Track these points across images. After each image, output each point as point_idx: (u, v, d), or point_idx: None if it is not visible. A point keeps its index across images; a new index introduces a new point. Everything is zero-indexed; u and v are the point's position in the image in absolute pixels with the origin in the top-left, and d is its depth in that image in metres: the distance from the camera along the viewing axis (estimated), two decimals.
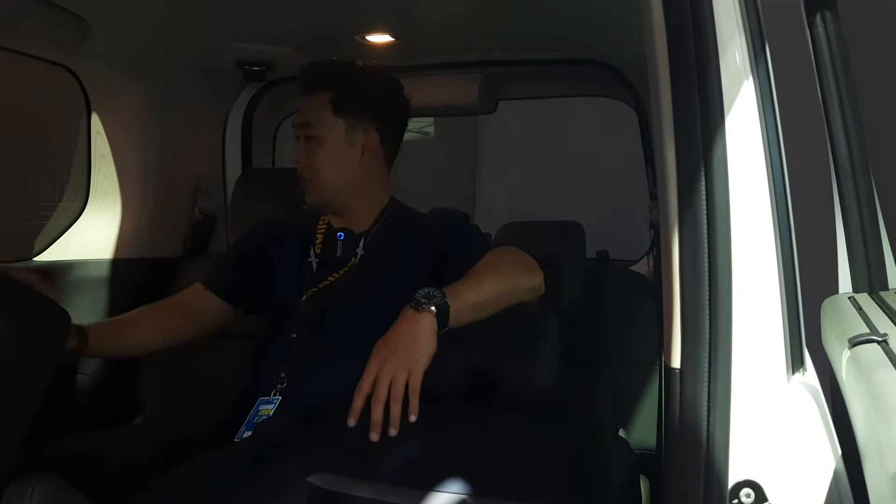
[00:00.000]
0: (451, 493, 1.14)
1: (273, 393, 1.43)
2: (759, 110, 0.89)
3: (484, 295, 1.34)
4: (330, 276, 1.52)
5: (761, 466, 0.86)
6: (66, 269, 1.94)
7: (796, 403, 0.88)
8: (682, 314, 0.85)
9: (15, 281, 1.26)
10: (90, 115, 1.99)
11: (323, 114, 1.54)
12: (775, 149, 0.91)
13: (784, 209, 0.91)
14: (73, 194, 2.04)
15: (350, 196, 1.57)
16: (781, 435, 0.87)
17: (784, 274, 0.89)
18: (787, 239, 0.91)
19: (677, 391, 0.84)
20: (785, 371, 0.88)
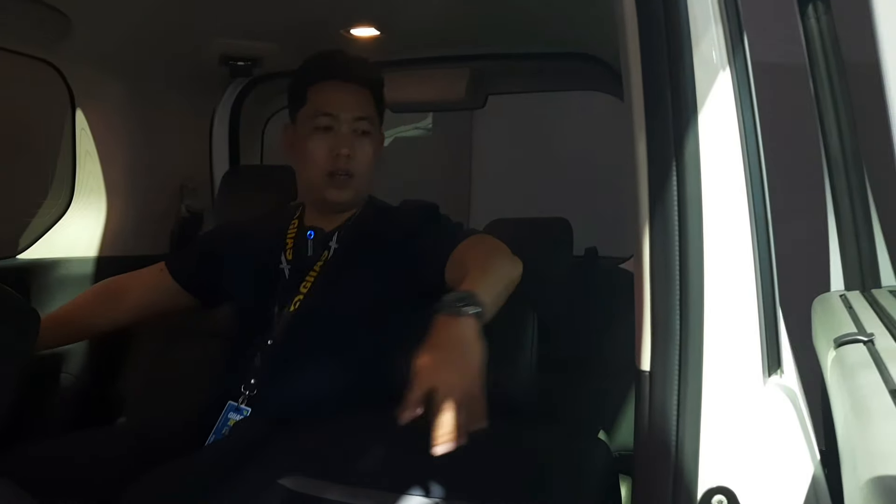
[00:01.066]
0: (423, 497, 1.12)
1: (241, 400, 1.40)
2: (736, 105, 0.86)
3: (496, 289, 1.26)
4: (306, 279, 1.49)
5: (734, 472, 0.83)
6: (49, 266, 1.92)
7: (773, 406, 0.86)
8: (653, 315, 0.82)
9: None
10: (74, 111, 1.97)
11: (372, 110, 1.53)
12: (753, 145, 0.88)
13: (762, 207, 0.88)
14: (57, 192, 2.02)
15: (364, 196, 1.56)
16: (756, 439, 0.84)
17: (761, 273, 0.86)
18: (765, 237, 0.88)
19: (647, 395, 0.82)
20: (761, 373, 0.85)
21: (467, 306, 1.13)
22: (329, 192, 1.50)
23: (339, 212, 1.54)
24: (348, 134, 1.49)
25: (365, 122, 1.51)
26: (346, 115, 1.49)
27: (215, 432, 1.42)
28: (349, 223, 1.54)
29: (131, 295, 1.62)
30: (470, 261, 1.34)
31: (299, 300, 1.47)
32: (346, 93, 1.51)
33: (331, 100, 1.50)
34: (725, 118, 0.84)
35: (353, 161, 1.49)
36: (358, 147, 1.50)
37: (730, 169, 0.84)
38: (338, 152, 1.48)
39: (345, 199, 1.51)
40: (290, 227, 1.56)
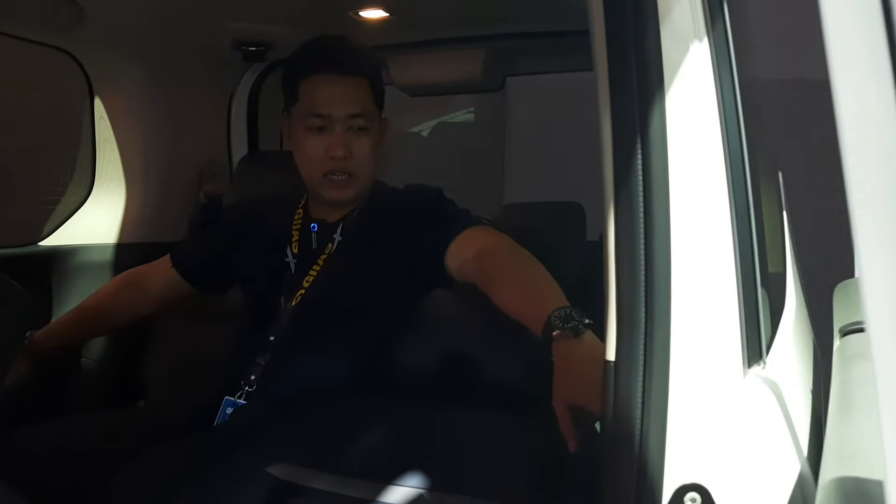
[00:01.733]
0: (409, 487, 1.09)
1: (239, 395, 1.39)
2: (714, 79, 0.80)
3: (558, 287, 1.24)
4: (310, 273, 1.46)
5: (709, 469, 0.78)
6: (70, 253, 1.96)
7: (753, 400, 0.80)
8: (618, 303, 0.77)
9: None
10: (93, 99, 1.99)
11: (369, 102, 1.45)
12: (733, 122, 0.82)
13: (742, 188, 0.83)
14: (78, 179, 2.05)
15: (368, 188, 1.51)
16: (734, 435, 0.79)
17: (741, 260, 0.80)
18: (746, 221, 0.82)
19: (611, 386, 0.77)
20: (741, 365, 0.80)
21: (576, 322, 1.09)
22: (327, 192, 1.46)
23: (343, 206, 1.51)
24: (343, 134, 1.42)
25: (360, 118, 1.43)
26: (340, 113, 1.42)
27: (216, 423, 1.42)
28: (354, 213, 1.50)
29: (150, 286, 1.64)
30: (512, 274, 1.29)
31: (301, 294, 1.45)
32: (338, 87, 1.43)
33: (322, 98, 1.42)
34: (699, 93, 0.78)
35: (351, 161, 1.43)
36: (355, 145, 1.43)
37: (704, 147, 0.78)
38: (333, 154, 1.42)
39: (345, 198, 1.48)
40: (296, 216, 1.54)
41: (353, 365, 1.41)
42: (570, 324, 1.09)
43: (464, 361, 1.37)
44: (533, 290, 1.24)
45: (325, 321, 1.42)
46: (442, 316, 1.48)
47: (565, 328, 1.09)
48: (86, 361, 1.94)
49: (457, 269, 1.37)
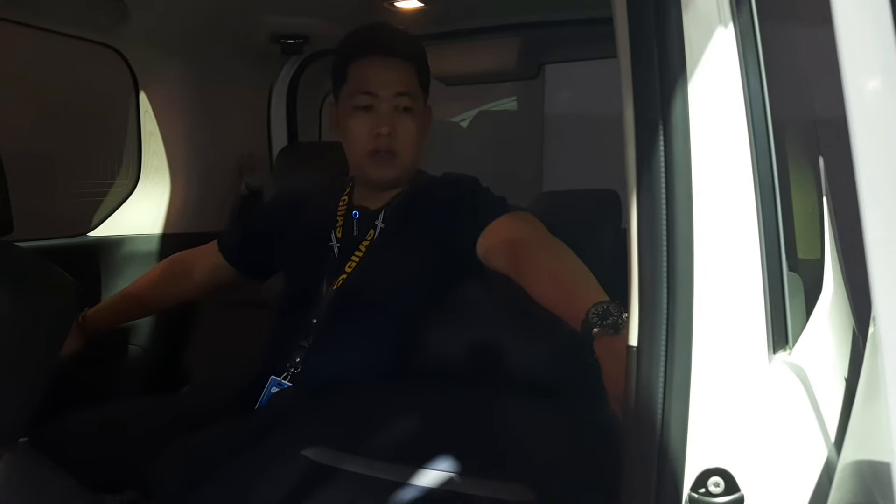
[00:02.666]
0: (441, 471, 1.11)
1: (284, 376, 1.43)
2: (739, 61, 0.80)
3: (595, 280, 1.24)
4: (351, 258, 1.49)
5: (733, 454, 0.78)
6: (118, 243, 2.02)
7: (778, 385, 0.80)
8: (640, 286, 0.78)
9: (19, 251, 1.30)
10: (138, 93, 2.05)
11: (415, 85, 1.50)
12: (759, 107, 0.82)
13: (768, 173, 0.82)
14: (125, 172, 2.11)
15: (412, 173, 1.54)
16: (758, 420, 0.79)
17: (766, 245, 0.80)
18: (772, 206, 0.82)
19: (634, 371, 0.78)
20: (766, 350, 0.80)
21: (614, 317, 1.08)
22: (372, 171, 1.49)
23: (386, 189, 1.54)
24: (389, 112, 1.46)
25: (406, 97, 1.47)
26: (386, 92, 1.46)
27: (259, 405, 1.46)
28: (395, 201, 1.53)
29: (193, 272, 1.69)
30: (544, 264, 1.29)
31: (343, 279, 1.48)
32: (385, 69, 1.48)
33: (370, 77, 1.47)
34: (723, 78, 0.78)
35: (396, 139, 1.46)
36: (400, 124, 1.47)
37: (728, 133, 0.78)
38: (378, 131, 1.45)
39: (390, 177, 1.50)
40: (341, 203, 1.57)
41: (389, 349, 1.43)
42: (609, 320, 1.08)
43: (498, 348, 1.38)
44: (567, 282, 1.24)
45: (363, 306, 1.45)
46: (478, 303, 1.49)
47: (604, 325, 1.09)
48: (133, 348, 2.00)
49: (485, 256, 1.38)
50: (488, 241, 1.39)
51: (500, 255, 1.37)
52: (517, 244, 1.35)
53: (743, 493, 0.78)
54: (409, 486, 1.10)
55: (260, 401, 1.44)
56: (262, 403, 1.44)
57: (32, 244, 1.83)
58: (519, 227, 1.39)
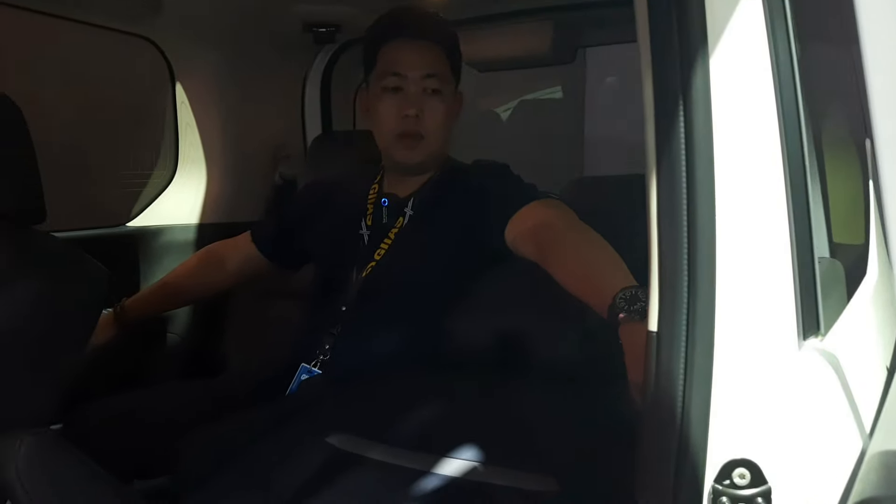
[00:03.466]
0: (463, 460, 1.09)
1: (314, 364, 1.43)
2: (765, 28, 0.75)
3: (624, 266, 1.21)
4: (380, 246, 1.49)
5: (759, 444, 0.74)
6: (156, 233, 2.05)
7: (808, 373, 0.76)
8: (660, 268, 0.74)
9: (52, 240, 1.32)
10: (174, 84, 2.07)
11: (445, 68, 1.49)
12: (789, 84, 0.77)
13: (798, 153, 0.78)
14: (163, 163, 2.14)
15: (440, 157, 1.53)
16: (787, 409, 0.75)
17: (796, 228, 0.75)
18: (802, 188, 0.77)
19: (653, 357, 0.74)
20: (795, 336, 0.76)
21: (642, 303, 1.05)
22: (399, 154, 1.48)
23: (415, 174, 1.52)
24: (417, 93, 1.45)
25: (434, 79, 1.46)
26: (414, 73, 1.45)
27: (289, 392, 1.46)
28: (425, 188, 1.51)
29: (227, 262, 1.70)
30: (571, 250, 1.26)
31: (371, 266, 1.47)
32: (414, 51, 1.47)
33: (398, 59, 1.47)
34: (747, 52, 0.74)
35: (423, 121, 1.45)
36: (428, 107, 1.46)
37: (753, 110, 0.74)
38: (405, 113, 1.45)
39: (416, 161, 1.49)
40: (371, 191, 1.56)
41: (417, 336, 1.42)
42: (636, 305, 1.05)
43: (525, 336, 1.36)
44: (594, 268, 1.21)
45: (391, 293, 1.44)
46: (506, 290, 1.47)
47: (631, 310, 1.05)
48: (171, 336, 2.03)
49: (513, 242, 1.36)
50: (517, 228, 1.37)
51: (528, 241, 1.35)
52: (545, 230, 1.33)
53: (770, 485, 0.74)
54: (431, 474, 1.09)
55: (290, 387, 1.45)
56: (292, 390, 1.44)
57: (72, 234, 1.86)
58: (548, 213, 1.37)
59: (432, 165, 1.52)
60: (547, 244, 1.30)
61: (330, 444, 1.16)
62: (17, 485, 0.93)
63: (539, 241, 1.32)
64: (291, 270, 1.73)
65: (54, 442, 1.00)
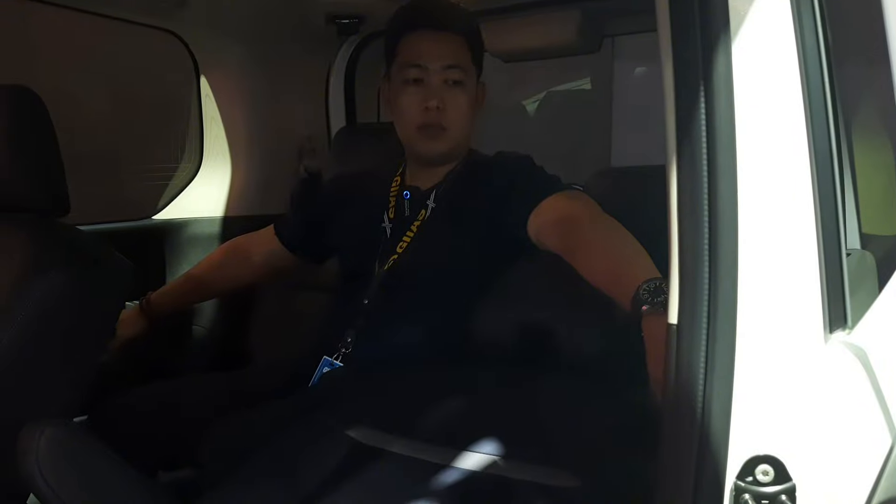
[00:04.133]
0: (484, 454, 1.08)
1: (336, 357, 1.43)
2: (791, 14, 0.73)
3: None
4: (403, 239, 1.48)
5: (783, 440, 0.72)
6: (182, 226, 2.06)
7: (834, 367, 0.74)
8: (680, 259, 0.72)
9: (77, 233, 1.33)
10: (199, 78, 2.08)
11: (466, 58, 1.47)
12: (814, 58, 0.75)
13: (825, 140, 0.75)
14: (189, 157, 2.15)
15: (462, 149, 1.51)
16: (812, 403, 0.73)
17: (822, 217, 0.73)
18: (829, 175, 0.75)
19: (674, 350, 0.73)
20: (821, 329, 0.73)
21: (666, 295, 1.02)
22: (421, 146, 1.47)
23: (437, 166, 1.51)
24: (438, 85, 1.44)
25: (456, 70, 1.45)
26: (436, 65, 1.44)
27: (312, 384, 1.46)
28: (447, 181, 1.50)
29: (252, 256, 1.71)
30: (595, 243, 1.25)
31: (393, 259, 1.47)
32: (435, 42, 1.45)
33: (419, 50, 1.45)
34: (773, 35, 0.71)
35: (445, 113, 1.44)
36: (449, 98, 1.44)
37: (778, 94, 0.72)
38: (427, 105, 1.43)
39: (438, 153, 1.48)
40: (394, 183, 1.56)
41: (439, 330, 1.42)
42: (660, 297, 1.03)
43: (548, 330, 1.34)
44: (619, 260, 1.19)
45: (413, 286, 1.44)
46: (529, 283, 1.46)
47: (655, 302, 1.04)
48: (197, 329, 2.05)
49: (536, 235, 1.34)
50: (539, 220, 1.35)
51: (551, 233, 1.33)
52: (568, 222, 1.31)
53: (795, 482, 0.72)
54: (451, 468, 1.08)
55: (312, 380, 1.45)
56: (314, 383, 1.45)
57: (98, 227, 1.88)
58: (571, 205, 1.35)
59: (454, 157, 1.50)
60: (570, 236, 1.29)
61: (350, 437, 1.16)
62: (37, 476, 0.93)
63: (562, 232, 1.31)
64: (315, 263, 1.73)
65: (75, 432, 1.01)
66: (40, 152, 1.27)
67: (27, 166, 1.26)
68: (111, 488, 1.02)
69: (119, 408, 1.43)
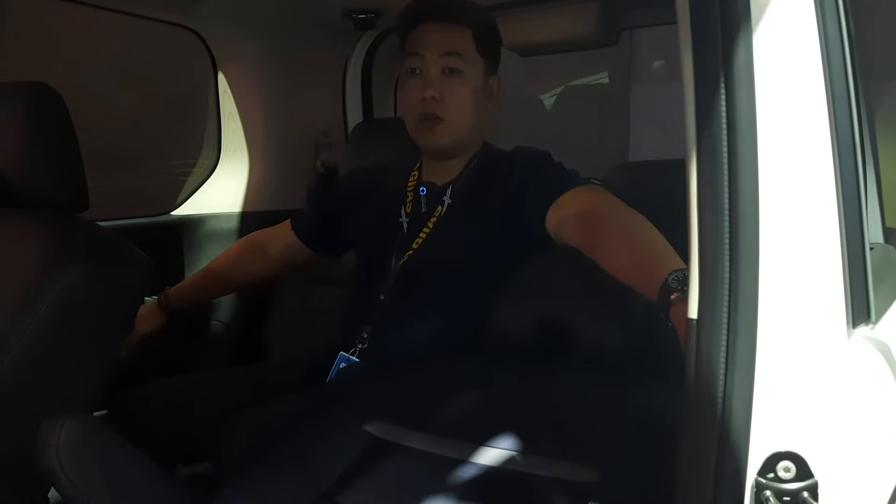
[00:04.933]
0: (502, 449, 1.08)
1: (352, 352, 1.43)
2: (813, 3, 0.72)
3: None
4: (419, 234, 1.47)
5: (805, 436, 0.71)
6: (200, 221, 2.07)
7: (857, 362, 0.73)
8: (700, 253, 0.72)
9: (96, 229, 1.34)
10: (216, 74, 2.09)
11: (468, 47, 1.45)
12: (837, 48, 0.74)
13: (848, 132, 0.74)
14: (206, 152, 2.16)
15: (468, 141, 1.50)
16: (834, 399, 0.72)
17: (846, 210, 0.72)
18: (852, 168, 0.74)
19: (693, 345, 0.72)
20: (844, 324, 0.72)
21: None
22: (421, 138, 1.47)
23: (444, 159, 1.50)
24: (436, 75, 1.42)
25: (454, 57, 1.42)
26: (432, 53, 1.42)
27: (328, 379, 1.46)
28: (463, 176, 1.50)
29: (270, 250, 1.71)
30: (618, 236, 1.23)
31: (409, 255, 1.46)
32: (436, 32, 1.44)
33: (420, 40, 1.45)
34: (794, 25, 0.70)
35: (443, 103, 1.42)
36: (448, 88, 1.42)
37: (799, 86, 0.71)
38: (423, 95, 1.42)
39: (437, 145, 1.46)
40: (411, 178, 1.55)
41: (455, 325, 1.41)
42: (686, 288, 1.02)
43: (566, 324, 1.33)
44: (644, 252, 1.18)
45: (429, 282, 1.43)
46: (547, 278, 1.45)
47: (684, 290, 1.02)
48: (215, 324, 2.06)
49: (555, 230, 1.33)
50: (558, 215, 1.34)
51: (571, 227, 1.32)
52: (589, 216, 1.30)
53: (817, 479, 0.71)
54: (468, 463, 1.07)
55: (330, 375, 1.45)
56: (330, 378, 1.45)
57: (118, 223, 1.90)
58: (590, 198, 1.34)
59: (461, 150, 1.49)
60: (591, 230, 1.27)
61: (367, 432, 1.16)
62: (57, 469, 0.94)
63: (583, 226, 1.29)
64: (332, 257, 1.74)
65: (95, 426, 1.02)
66: (60, 149, 1.27)
67: (47, 162, 1.26)
68: (131, 481, 1.02)
69: (138, 402, 1.44)
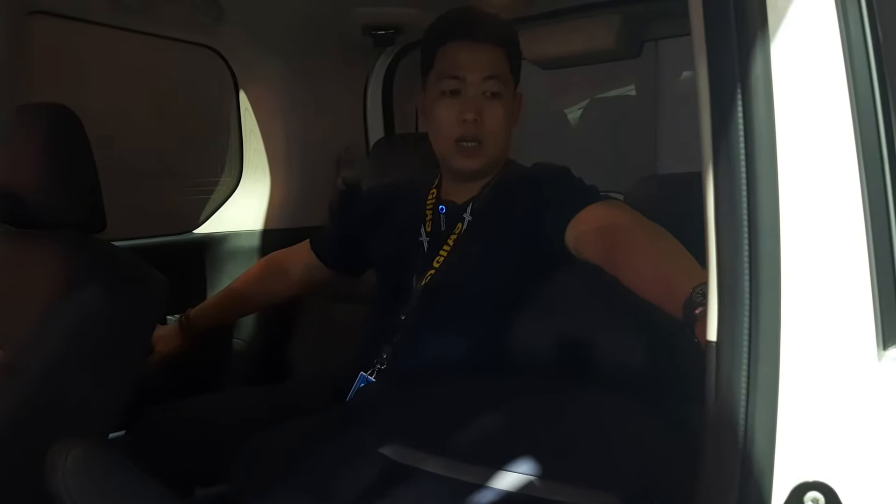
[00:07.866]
0: (521, 474, 1.05)
1: (371, 373, 1.40)
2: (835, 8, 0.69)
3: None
4: (440, 253, 1.45)
5: (834, 465, 0.67)
6: (222, 240, 2.08)
7: (889, 386, 0.68)
8: (719, 272, 0.68)
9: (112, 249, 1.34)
10: (238, 92, 2.09)
11: (505, 69, 1.43)
12: (861, 54, 0.70)
13: (874, 140, 0.70)
14: (229, 170, 2.17)
15: (499, 162, 1.48)
16: (865, 426, 0.68)
17: (873, 223, 0.68)
18: (879, 178, 0.70)
19: (713, 370, 0.68)
20: (874, 346, 0.68)
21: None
22: (457, 161, 1.44)
23: (473, 180, 1.48)
24: (476, 97, 1.40)
25: (495, 81, 1.40)
26: (473, 76, 1.40)
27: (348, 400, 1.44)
28: (483, 194, 1.47)
29: (291, 270, 1.71)
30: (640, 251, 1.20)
31: (430, 275, 1.44)
32: (473, 53, 1.41)
33: (457, 61, 1.41)
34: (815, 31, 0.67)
35: (482, 127, 1.40)
36: (487, 111, 1.40)
37: (822, 95, 0.67)
38: (464, 118, 1.39)
39: (474, 168, 1.44)
40: (430, 196, 1.53)
41: (477, 345, 1.39)
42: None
43: (588, 343, 1.30)
44: (666, 267, 1.14)
45: (450, 301, 1.41)
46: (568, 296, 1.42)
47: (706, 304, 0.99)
48: (237, 342, 2.05)
49: (575, 246, 1.30)
50: (578, 231, 1.31)
51: (592, 243, 1.29)
52: (610, 231, 1.26)
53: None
54: (486, 488, 1.04)
55: (349, 395, 1.43)
56: (350, 398, 1.43)
57: (141, 242, 1.90)
58: (611, 213, 1.30)
59: (491, 171, 1.47)
60: (613, 245, 1.24)
61: (383, 455, 1.13)
62: (64, 495, 0.93)
63: (604, 242, 1.26)
64: (353, 276, 1.72)
65: (103, 451, 1.00)
66: (76, 169, 1.27)
67: (64, 183, 1.26)
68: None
69: (158, 423, 1.43)
